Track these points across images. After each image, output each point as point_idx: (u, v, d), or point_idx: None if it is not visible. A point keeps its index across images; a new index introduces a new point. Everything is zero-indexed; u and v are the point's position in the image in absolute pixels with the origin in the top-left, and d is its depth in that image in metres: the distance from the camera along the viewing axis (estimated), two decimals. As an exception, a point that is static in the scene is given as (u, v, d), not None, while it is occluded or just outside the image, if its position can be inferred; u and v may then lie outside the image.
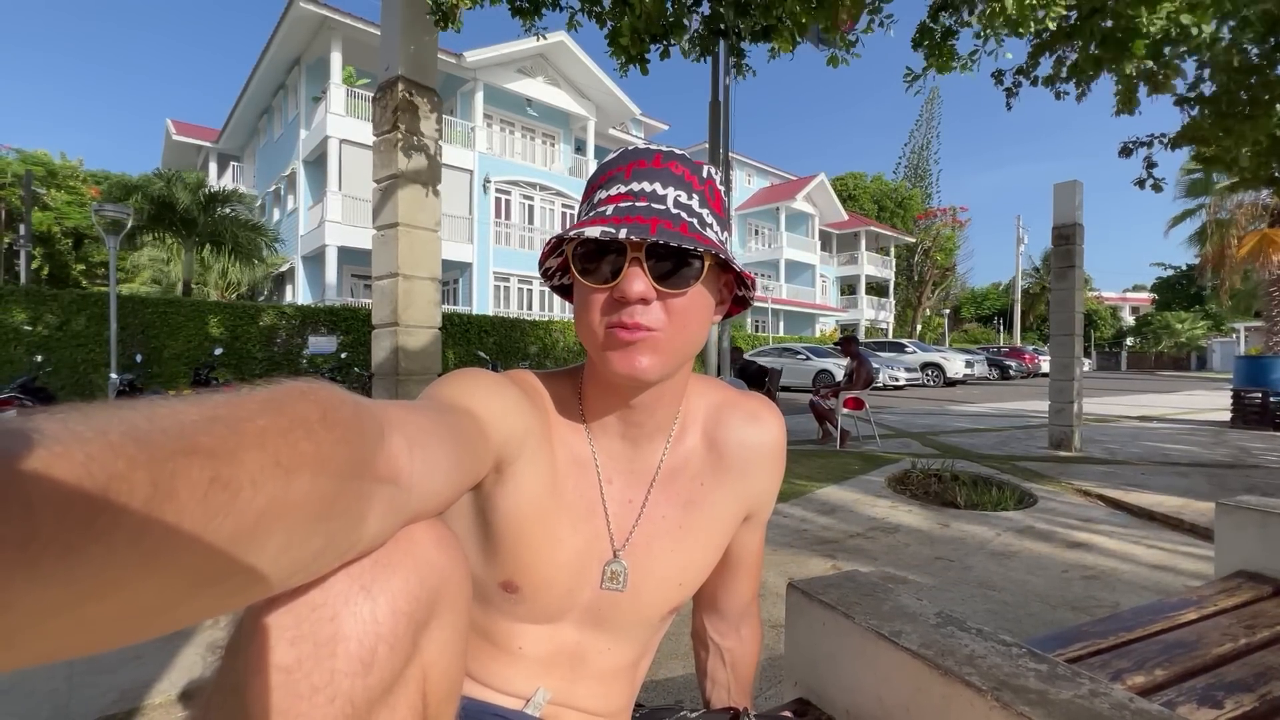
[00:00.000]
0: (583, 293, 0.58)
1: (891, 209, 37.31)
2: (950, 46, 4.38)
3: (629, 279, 0.55)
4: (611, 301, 0.57)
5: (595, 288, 0.57)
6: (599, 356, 0.59)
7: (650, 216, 0.55)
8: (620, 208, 0.56)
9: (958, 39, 4.38)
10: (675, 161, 0.60)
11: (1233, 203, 17.22)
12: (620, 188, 0.58)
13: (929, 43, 4.40)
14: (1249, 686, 0.84)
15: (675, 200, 0.58)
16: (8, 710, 1.64)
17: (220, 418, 0.25)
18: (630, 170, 0.59)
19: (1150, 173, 5.27)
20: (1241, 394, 8.54)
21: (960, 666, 0.62)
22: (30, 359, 8.53)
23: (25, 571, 0.18)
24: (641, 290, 0.55)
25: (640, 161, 0.59)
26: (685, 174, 0.59)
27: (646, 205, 0.57)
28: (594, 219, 0.56)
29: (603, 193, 0.59)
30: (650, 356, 0.57)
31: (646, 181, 0.58)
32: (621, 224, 0.54)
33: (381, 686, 0.34)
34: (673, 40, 4.13)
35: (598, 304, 0.57)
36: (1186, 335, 37.28)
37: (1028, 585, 2.60)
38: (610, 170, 0.60)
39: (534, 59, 19.57)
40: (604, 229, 0.54)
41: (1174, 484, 4.57)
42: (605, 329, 0.57)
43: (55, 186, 22.74)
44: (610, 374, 0.58)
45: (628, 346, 0.56)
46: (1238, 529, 1.32)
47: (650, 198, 0.57)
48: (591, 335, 0.58)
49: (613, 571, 0.65)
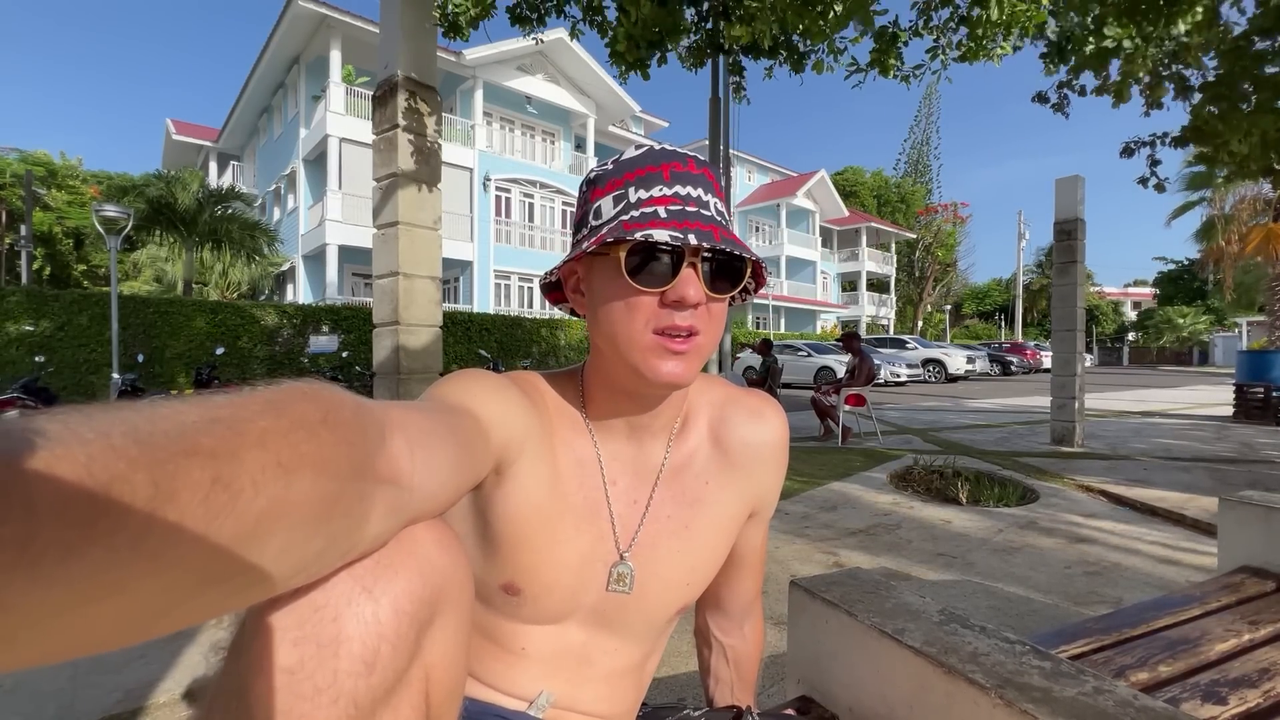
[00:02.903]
0: (625, 294, 0.56)
1: (894, 204, 37.24)
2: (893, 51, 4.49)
3: (687, 283, 0.55)
4: (659, 306, 0.56)
5: (645, 291, 0.56)
6: (636, 360, 0.57)
7: (707, 223, 0.55)
8: (672, 210, 0.56)
9: (906, 46, 4.50)
10: (706, 169, 0.60)
11: (1235, 196, 17.18)
12: (663, 189, 0.57)
13: (880, 43, 4.51)
14: (1253, 682, 0.84)
15: (715, 207, 0.58)
16: (13, 709, 1.64)
17: (221, 419, 0.25)
18: (668, 172, 0.58)
19: (1154, 172, 5.24)
20: (1244, 389, 8.52)
21: (963, 664, 0.62)
22: (32, 359, 8.55)
23: (26, 573, 0.18)
24: (697, 295, 0.55)
25: (675, 164, 0.58)
26: (714, 183, 0.60)
27: (696, 211, 0.57)
28: (650, 221, 0.55)
29: (641, 192, 0.58)
30: (692, 361, 0.57)
31: (690, 186, 0.58)
32: (684, 229, 0.54)
33: (384, 687, 0.34)
34: (669, 45, 4.15)
35: (644, 307, 0.56)
36: (1189, 330, 37.18)
37: (1030, 581, 2.60)
38: (642, 169, 0.59)
39: (534, 57, 19.53)
40: (672, 233, 0.53)
41: (1177, 479, 4.57)
42: (652, 333, 0.56)
43: (56, 187, 22.77)
44: (644, 381, 0.57)
45: (677, 355, 0.56)
46: (1241, 524, 1.32)
47: (698, 204, 0.57)
48: (630, 339, 0.57)
49: (619, 574, 0.64)
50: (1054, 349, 6.61)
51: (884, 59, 4.46)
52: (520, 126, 21.01)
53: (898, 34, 4.45)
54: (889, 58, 4.45)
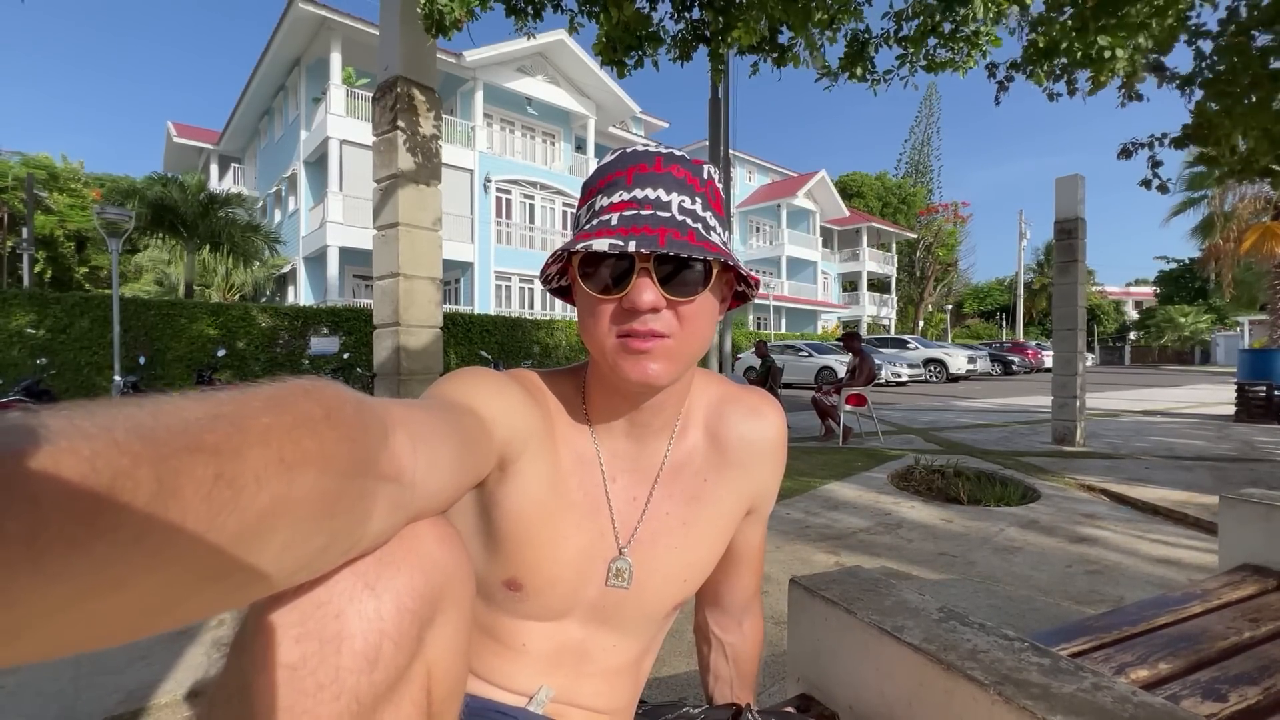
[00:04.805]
0: (589, 302, 0.57)
1: (895, 205, 37.22)
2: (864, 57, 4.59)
3: (638, 289, 0.54)
4: (620, 310, 0.56)
5: (603, 298, 0.56)
6: (609, 364, 0.58)
7: (657, 226, 0.54)
8: (625, 216, 0.55)
9: (876, 53, 4.60)
10: (676, 165, 0.58)
11: (1235, 195, 17.15)
12: (623, 194, 0.57)
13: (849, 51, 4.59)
14: (1253, 680, 0.84)
15: (680, 206, 0.57)
16: (16, 710, 1.64)
17: (224, 415, 0.25)
18: (631, 175, 0.57)
19: (1156, 173, 5.22)
20: (1245, 387, 8.51)
21: (963, 661, 0.63)
22: (34, 362, 8.57)
23: (31, 567, 0.18)
24: (651, 300, 0.54)
25: (641, 166, 0.58)
26: (687, 177, 0.58)
27: (652, 214, 0.55)
28: (599, 229, 0.55)
29: (604, 199, 0.58)
30: (662, 363, 0.56)
31: (650, 188, 0.57)
32: (630, 235, 0.53)
33: (386, 683, 0.34)
34: (647, 52, 4.17)
35: (606, 313, 0.56)
36: (1190, 329, 37.12)
37: (1031, 580, 2.60)
38: (610, 175, 0.58)
39: (533, 58, 19.55)
40: (611, 241, 0.53)
41: (1178, 478, 4.56)
42: (616, 337, 0.56)
43: (57, 190, 22.77)
44: (622, 381, 0.58)
45: (640, 355, 0.56)
46: (1242, 522, 1.32)
47: (655, 205, 0.56)
48: (600, 344, 0.57)
49: (618, 569, 0.65)
50: (1055, 348, 6.60)
51: (853, 66, 4.56)
52: (520, 127, 21.02)
53: (867, 43, 4.54)
54: (858, 65, 4.56)
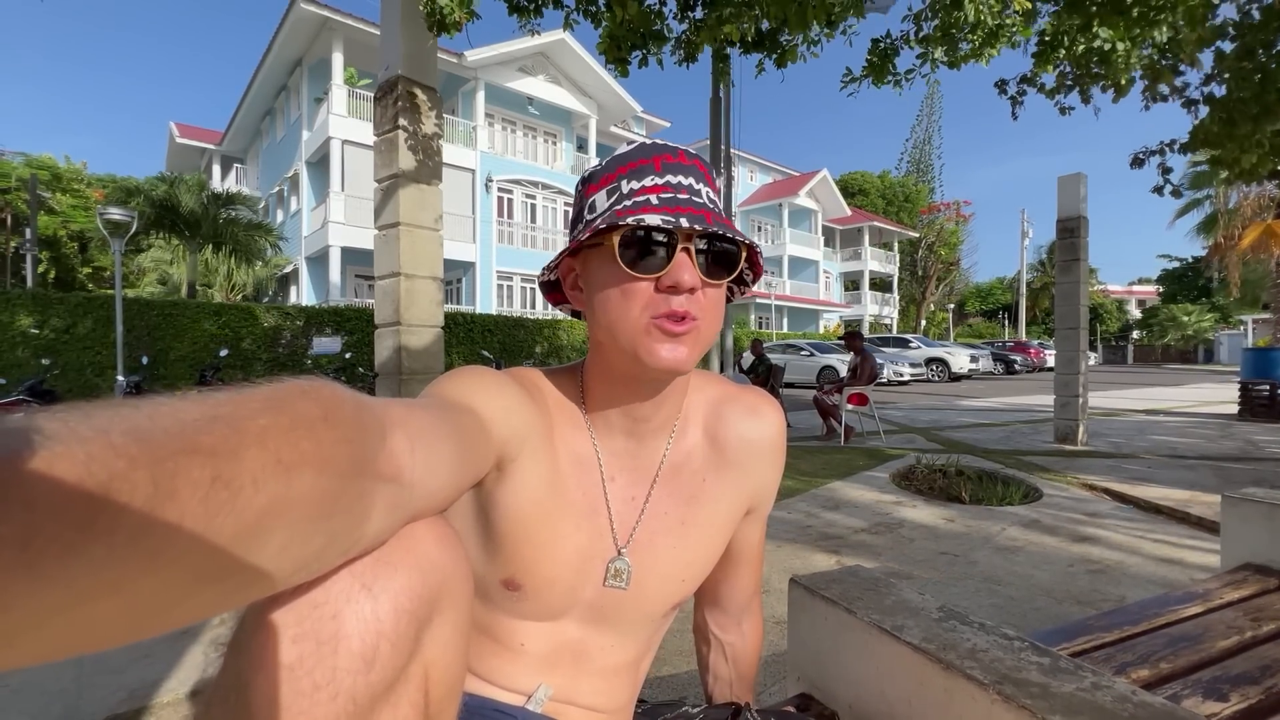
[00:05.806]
0: (621, 281, 0.57)
1: (899, 204, 37.16)
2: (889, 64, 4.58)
3: (681, 268, 0.55)
4: (654, 292, 0.56)
5: (639, 277, 0.56)
6: (633, 347, 0.57)
7: (698, 209, 0.56)
8: (664, 198, 0.57)
9: (899, 56, 4.58)
10: (697, 159, 0.61)
11: (1239, 194, 17.10)
12: (654, 179, 0.58)
13: (872, 58, 4.58)
14: (1254, 679, 0.84)
15: (708, 196, 0.60)
16: (19, 709, 1.65)
17: (221, 416, 0.25)
18: (659, 163, 0.59)
19: (1167, 179, 5.21)
20: (1249, 386, 8.49)
21: (962, 660, 0.62)
22: (38, 362, 8.59)
23: (26, 571, 0.18)
24: (691, 280, 0.56)
25: (667, 156, 0.60)
26: (705, 173, 0.61)
27: (688, 198, 0.58)
28: (642, 208, 0.56)
29: (634, 183, 0.59)
30: (691, 347, 0.58)
31: (681, 175, 0.59)
32: (677, 213, 0.55)
33: (383, 684, 0.34)
34: (651, 50, 4.16)
35: (640, 293, 0.56)
36: (1193, 328, 37.03)
37: (1033, 580, 2.60)
38: (633, 162, 0.60)
39: (535, 57, 19.55)
40: (664, 217, 0.54)
41: (1180, 477, 4.55)
42: (649, 319, 0.56)
43: (60, 190, 22.84)
44: (649, 365, 0.57)
45: (675, 338, 0.56)
46: (1244, 522, 1.32)
47: (689, 191, 0.58)
48: (629, 325, 0.57)
49: (616, 569, 0.65)
50: (1057, 347, 6.59)
51: (879, 72, 4.54)
52: (522, 127, 21.02)
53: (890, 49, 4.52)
54: (884, 71, 4.53)
